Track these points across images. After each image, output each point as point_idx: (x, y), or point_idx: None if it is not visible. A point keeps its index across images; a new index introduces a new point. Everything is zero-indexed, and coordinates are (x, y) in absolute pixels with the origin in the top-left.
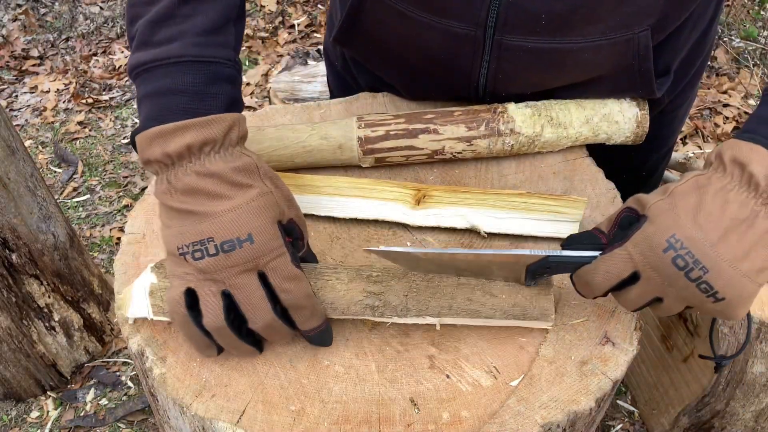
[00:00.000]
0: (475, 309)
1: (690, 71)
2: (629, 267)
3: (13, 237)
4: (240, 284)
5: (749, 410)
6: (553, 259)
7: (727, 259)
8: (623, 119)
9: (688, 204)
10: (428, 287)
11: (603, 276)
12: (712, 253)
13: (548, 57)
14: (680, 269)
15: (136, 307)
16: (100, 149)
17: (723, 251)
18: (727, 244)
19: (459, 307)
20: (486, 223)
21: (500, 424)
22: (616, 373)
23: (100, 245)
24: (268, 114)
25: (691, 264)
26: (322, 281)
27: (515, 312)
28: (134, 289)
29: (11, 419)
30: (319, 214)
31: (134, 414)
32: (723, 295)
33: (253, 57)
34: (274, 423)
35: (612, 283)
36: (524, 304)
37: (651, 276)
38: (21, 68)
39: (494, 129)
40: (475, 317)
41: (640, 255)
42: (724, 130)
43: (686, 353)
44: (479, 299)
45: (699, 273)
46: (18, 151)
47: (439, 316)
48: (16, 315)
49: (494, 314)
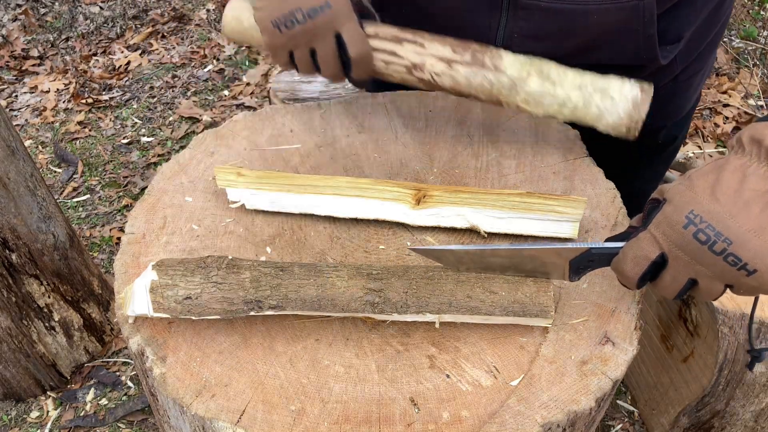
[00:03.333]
0: (474, 306)
1: (703, 41)
2: (655, 248)
3: (13, 237)
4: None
5: (749, 410)
6: (595, 251)
7: (750, 229)
8: (620, 96)
9: (707, 182)
10: (428, 284)
11: (632, 262)
12: (734, 224)
13: (561, 17)
14: (703, 243)
15: (137, 304)
16: (100, 149)
17: (745, 221)
18: (749, 214)
19: (459, 304)
20: (486, 223)
21: (500, 424)
22: (616, 373)
23: (100, 245)
24: (268, 114)
25: (713, 237)
26: (322, 278)
27: (515, 309)
28: (135, 287)
29: (11, 419)
30: (319, 214)
31: (134, 414)
32: (754, 267)
33: (253, 57)
34: (274, 423)
35: (642, 267)
36: (524, 300)
37: (678, 255)
38: (21, 68)
39: (479, 60)
40: (475, 314)
41: (662, 235)
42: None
43: (686, 353)
44: (479, 296)
45: (723, 245)
46: (18, 151)
47: (439, 313)
48: (16, 315)
49: (494, 311)
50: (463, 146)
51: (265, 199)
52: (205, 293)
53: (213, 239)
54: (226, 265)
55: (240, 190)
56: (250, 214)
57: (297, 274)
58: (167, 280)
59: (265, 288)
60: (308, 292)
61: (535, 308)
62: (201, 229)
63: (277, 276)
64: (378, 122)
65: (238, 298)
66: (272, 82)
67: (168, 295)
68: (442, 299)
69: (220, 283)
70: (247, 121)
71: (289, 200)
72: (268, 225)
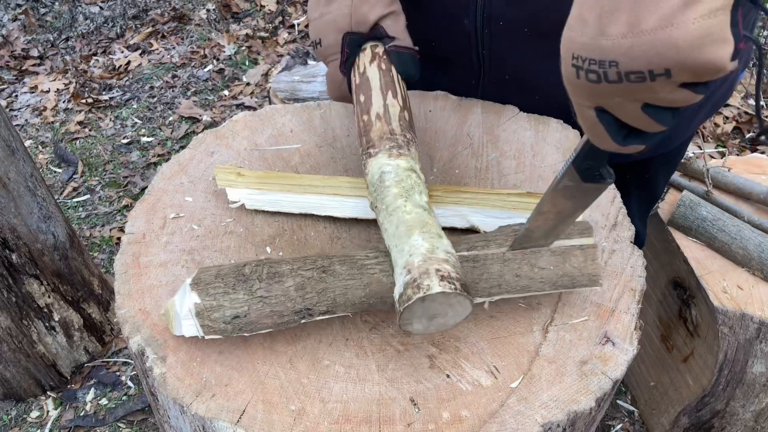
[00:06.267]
0: (524, 285)
1: None
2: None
3: (13, 237)
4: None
5: (749, 410)
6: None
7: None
8: None
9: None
10: (474, 268)
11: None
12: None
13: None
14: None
15: (185, 327)
16: (100, 149)
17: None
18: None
19: (508, 285)
20: (486, 223)
21: (500, 424)
22: (616, 373)
23: (100, 245)
24: (268, 114)
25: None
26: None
27: (564, 282)
28: (177, 307)
29: (11, 419)
30: (319, 214)
31: (134, 414)
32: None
33: (253, 57)
34: (274, 422)
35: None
36: (572, 272)
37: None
38: (21, 68)
39: None
40: (526, 292)
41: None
42: (724, 130)
43: (686, 353)
44: (527, 274)
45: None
46: (18, 151)
47: (490, 296)
48: (16, 315)
49: (544, 287)
50: (463, 146)
51: (265, 199)
52: (253, 310)
53: (213, 239)
54: (266, 274)
55: (240, 190)
56: (250, 214)
57: (341, 275)
58: (211, 301)
59: (311, 295)
60: (355, 294)
61: (584, 278)
62: (201, 229)
63: (321, 279)
64: None
65: (287, 310)
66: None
67: (216, 318)
68: (491, 282)
69: (266, 297)
70: (247, 121)
71: (289, 200)
72: (268, 225)
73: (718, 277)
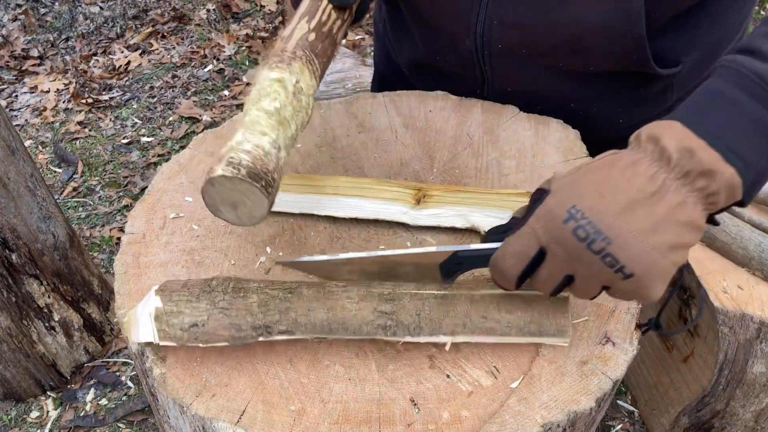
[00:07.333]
0: (490, 327)
1: (703, 72)
2: (534, 243)
3: (13, 237)
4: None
5: (749, 410)
6: (462, 254)
7: (632, 231)
8: None
9: (595, 178)
10: (441, 305)
11: (512, 258)
12: (616, 224)
13: (540, 3)
14: (581, 240)
15: (141, 332)
16: (100, 149)
17: (627, 222)
18: (633, 215)
19: (474, 325)
20: (486, 223)
21: (500, 424)
22: (616, 373)
23: (100, 245)
24: None
25: (592, 234)
26: (332, 301)
27: (531, 329)
28: (138, 313)
29: (11, 419)
30: (319, 214)
31: (134, 414)
32: (631, 270)
33: (253, 57)
34: (274, 423)
35: (523, 264)
36: (540, 320)
37: (556, 251)
38: (21, 68)
39: None
40: (491, 335)
41: (542, 229)
42: None
43: (686, 353)
44: (494, 316)
45: (602, 244)
46: (18, 151)
47: (453, 335)
48: (16, 315)
49: (509, 332)
50: (463, 146)
51: None
52: (212, 320)
53: (213, 239)
54: (232, 288)
55: None
56: None
57: (306, 297)
58: (172, 306)
59: (273, 312)
60: (318, 316)
61: (552, 328)
62: (201, 229)
63: (286, 299)
64: (378, 122)
65: (246, 324)
66: None
67: (173, 323)
68: (456, 320)
69: (227, 309)
70: None
71: (289, 200)
72: (268, 225)
73: (718, 277)
